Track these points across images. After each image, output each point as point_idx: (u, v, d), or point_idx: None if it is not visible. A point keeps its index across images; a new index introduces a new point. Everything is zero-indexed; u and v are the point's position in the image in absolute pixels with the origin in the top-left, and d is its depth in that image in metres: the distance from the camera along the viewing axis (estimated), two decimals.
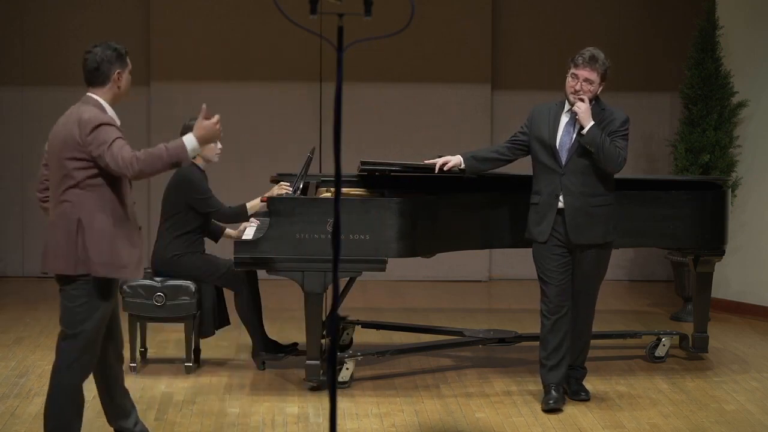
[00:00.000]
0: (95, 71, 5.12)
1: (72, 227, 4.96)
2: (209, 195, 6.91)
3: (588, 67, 6.27)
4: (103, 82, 5.14)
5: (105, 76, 5.13)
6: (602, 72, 6.29)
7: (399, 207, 6.51)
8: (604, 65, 6.30)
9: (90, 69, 5.13)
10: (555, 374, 6.34)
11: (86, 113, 5.00)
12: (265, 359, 7.03)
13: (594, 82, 6.28)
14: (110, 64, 5.14)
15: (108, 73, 5.13)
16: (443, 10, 10.32)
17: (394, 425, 6.03)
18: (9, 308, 9.03)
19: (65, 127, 5.04)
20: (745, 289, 9.03)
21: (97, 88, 5.14)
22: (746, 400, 6.59)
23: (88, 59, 5.13)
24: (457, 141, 9.99)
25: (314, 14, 3.62)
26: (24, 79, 10.24)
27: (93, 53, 5.13)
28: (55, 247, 5.00)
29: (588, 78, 6.27)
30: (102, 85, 5.14)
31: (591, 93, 6.29)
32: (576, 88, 6.29)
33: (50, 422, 5.13)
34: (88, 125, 4.95)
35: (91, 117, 4.98)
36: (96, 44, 5.18)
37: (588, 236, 6.31)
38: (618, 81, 10.27)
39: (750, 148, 8.94)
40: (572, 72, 6.30)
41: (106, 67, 5.13)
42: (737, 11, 9.03)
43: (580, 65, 6.28)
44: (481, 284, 10.47)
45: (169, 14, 10.28)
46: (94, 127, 4.95)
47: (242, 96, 10.36)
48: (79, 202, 4.98)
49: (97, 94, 5.13)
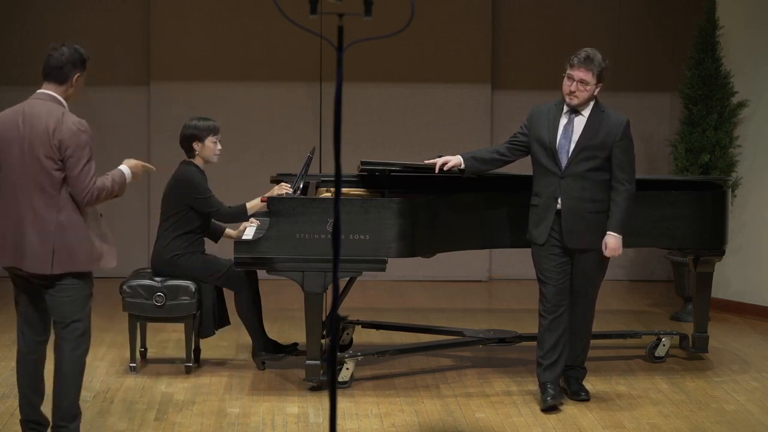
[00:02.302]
0: (58, 69, 5.29)
1: (50, 228, 5.18)
2: (209, 195, 6.91)
3: (583, 68, 6.26)
4: (61, 81, 5.30)
5: (65, 76, 5.30)
6: (598, 72, 6.27)
7: (399, 207, 6.51)
8: (600, 66, 6.28)
9: (53, 66, 5.30)
10: (551, 373, 6.34)
11: (68, 117, 5.21)
12: (265, 359, 7.03)
13: (589, 83, 6.26)
14: (73, 66, 5.32)
15: (69, 74, 5.30)
16: (443, 10, 10.32)
17: (394, 425, 6.03)
18: (9, 308, 9.01)
19: (42, 122, 5.19)
20: (745, 289, 9.03)
21: (54, 85, 5.30)
22: (746, 400, 6.60)
23: (54, 56, 5.30)
24: (457, 141, 9.99)
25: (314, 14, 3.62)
26: (24, 79, 10.22)
27: (60, 52, 5.30)
28: (32, 247, 5.19)
29: (583, 79, 6.26)
30: (60, 83, 5.30)
31: (587, 93, 6.28)
32: (571, 89, 6.28)
33: (65, 401, 5.32)
34: (73, 135, 5.17)
35: (77, 125, 5.20)
36: (63, 44, 5.35)
37: (583, 241, 6.31)
38: (618, 81, 10.28)
39: (750, 148, 8.94)
40: (567, 72, 6.29)
41: (68, 68, 5.30)
42: (737, 11, 9.03)
43: (575, 66, 6.28)
44: (481, 284, 10.47)
45: (169, 14, 10.28)
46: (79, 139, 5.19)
47: (242, 96, 10.35)
48: (55, 203, 5.19)
49: (55, 92, 5.30)
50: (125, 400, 6.37)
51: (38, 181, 5.18)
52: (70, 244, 5.19)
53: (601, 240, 6.31)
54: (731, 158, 8.91)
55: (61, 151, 5.16)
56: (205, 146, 6.93)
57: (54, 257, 5.18)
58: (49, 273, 5.20)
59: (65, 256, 5.19)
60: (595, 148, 6.28)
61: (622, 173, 6.29)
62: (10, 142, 5.23)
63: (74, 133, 5.17)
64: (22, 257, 5.21)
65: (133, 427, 5.92)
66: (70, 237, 5.19)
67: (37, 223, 5.18)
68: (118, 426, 5.93)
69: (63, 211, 5.19)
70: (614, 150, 6.28)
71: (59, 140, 5.15)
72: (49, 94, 5.29)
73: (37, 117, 5.21)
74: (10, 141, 5.23)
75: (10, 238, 5.24)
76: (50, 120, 5.18)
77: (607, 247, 6.29)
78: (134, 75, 10.31)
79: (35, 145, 5.17)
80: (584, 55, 6.26)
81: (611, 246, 6.28)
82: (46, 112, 5.21)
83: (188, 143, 6.96)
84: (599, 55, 6.29)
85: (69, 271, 5.23)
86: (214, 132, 6.96)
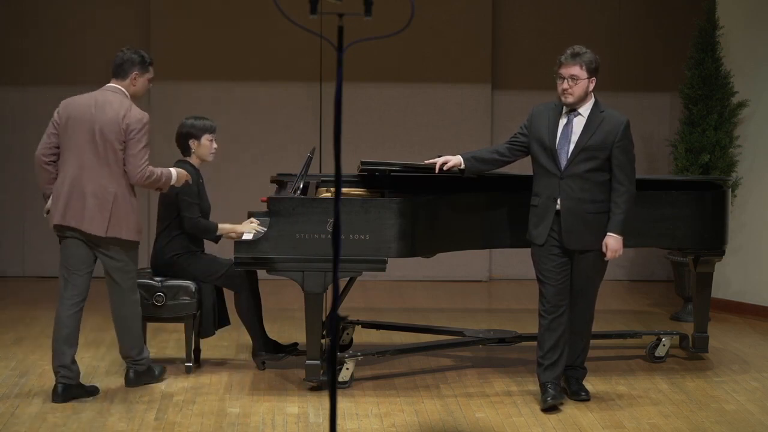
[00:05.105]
0: (119, 66, 6.37)
1: (109, 197, 6.20)
2: (194, 201, 6.86)
3: (571, 63, 6.26)
4: (122, 77, 6.36)
5: (125, 73, 6.36)
6: (586, 64, 6.25)
7: (399, 207, 6.51)
8: (589, 58, 6.26)
9: (116, 63, 6.39)
10: (551, 372, 6.34)
11: (135, 107, 6.27)
12: (265, 359, 7.03)
13: (580, 78, 6.25)
14: (132, 65, 6.37)
15: (128, 71, 6.36)
16: (443, 10, 10.32)
17: (394, 425, 6.03)
18: (9, 308, 9.03)
19: (112, 108, 6.21)
20: (745, 289, 9.03)
21: (118, 80, 6.37)
22: (746, 400, 6.60)
23: (118, 56, 6.40)
24: (457, 141, 10.00)
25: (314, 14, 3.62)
26: (24, 79, 10.24)
27: (123, 53, 6.40)
28: (91, 212, 6.19)
29: (573, 74, 6.25)
30: (121, 78, 6.36)
31: (580, 89, 6.26)
32: (563, 87, 6.28)
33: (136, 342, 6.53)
34: (138, 122, 6.23)
35: (142, 114, 6.26)
36: (130, 47, 6.45)
37: (581, 242, 6.31)
38: (618, 81, 10.29)
39: (750, 148, 8.94)
40: (558, 73, 6.30)
41: (128, 66, 6.36)
42: (737, 11, 9.03)
43: (563, 64, 6.28)
44: (481, 284, 10.48)
45: (169, 14, 10.28)
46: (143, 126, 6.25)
47: (242, 96, 10.36)
48: (115, 178, 6.22)
49: (120, 86, 6.35)
50: (125, 400, 6.37)
51: (104, 157, 6.21)
52: (120, 213, 6.23)
53: (600, 241, 6.31)
54: (731, 158, 8.91)
55: (126, 134, 6.19)
56: (201, 144, 6.94)
57: (109, 223, 6.20)
58: (103, 235, 6.20)
59: (116, 223, 6.22)
60: (594, 149, 6.28)
61: (622, 174, 6.29)
62: (82, 122, 6.24)
63: (139, 120, 6.23)
64: (81, 219, 6.20)
65: (133, 427, 5.91)
66: (122, 207, 6.23)
67: (100, 193, 6.20)
68: (118, 426, 5.93)
69: (120, 186, 6.22)
70: (614, 150, 6.28)
71: (127, 124, 6.20)
72: (116, 87, 6.36)
73: (108, 104, 6.25)
74: (81, 121, 6.24)
75: (71, 202, 6.20)
76: (121, 107, 6.24)
77: (607, 248, 6.29)
78: None
79: (105, 127, 6.20)
80: (570, 52, 6.28)
81: (611, 247, 6.28)
82: (117, 101, 6.27)
83: (185, 141, 6.97)
84: (587, 50, 6.29)
85: (118, 237, 6.25)
86: (211, 131, 6.97)
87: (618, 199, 6.29)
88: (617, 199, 6.29)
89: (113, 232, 6.23)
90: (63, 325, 6.32)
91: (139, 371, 6.58)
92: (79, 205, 6.21)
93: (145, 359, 6.59)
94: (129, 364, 6.58)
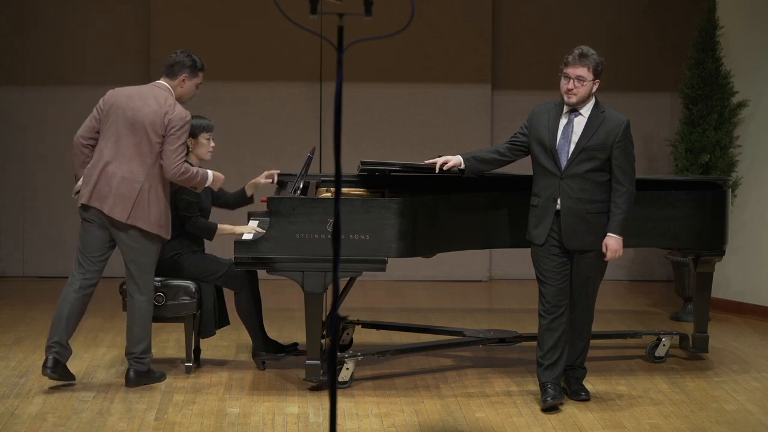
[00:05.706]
0: (169, 66, 6.61)
1: (137, 186, 6.35)
2: (194, 200, 6.87)
3: (578, 64, 6.26)
4: (172, 77, 6.59)
5: (174, 74, 6.59)
6: (593, 66, 6.26)
7: (399, 207, 6.51)
8: (596, 61, 6.27)
9: (167, 63, 6.63)
10: (551, 372, 6.34)
11: (179, 106, 6.47)
12: (265, 359, 7.03)
13: (586, 80, 6.26)
14: (182, 67, 6.60)
15: (177, 72, 6.59)
16: (443, 10, 10.32)
17: (394, 425, 6.03)
18: (9, 308, 9.03)
19: (156, 102, 6.42)
20: (745, 289, 9.03)
21: (167, 78, 6.59)
22: (746, 400, 6.60)
23: (171, 56, 6.63)
24: (457, 141, 10.00)
25: (314, 14, 3.62)
26: (24, 79, 10.24)
27: (176, 54, 6.63)
28: (117, 197, 6.36)
29: (580, 75, 6.25)
30: (171, 78, 6.59)
31: (585, 90, 6.27)
32: (568, 87, 6.28)
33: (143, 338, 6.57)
34: (180, 119, 6.43)
35: (185, 113, 6.46)
36: (184, 50, 6.66)
37: (582, 242, 6.31)
38: (617, 81, 10.28)
39: (750, 148, 8.94)
40: (564, 72, 6.29)
41: (178, 67, 6.60)
42: (737, 11, 9.02)
43: (570, 63, 6.28)
44: (481, 284, 10.47)
45: (169, 14, 10.28)
46: (184, 124, 6.46)
47: (242, 96, 10.35)
48: (147, 169, 6.39)
49: (169, 84, 6.57)
50: (125, 400, 6.37)
51: (140, 147, 6.39)
52: (144, 203, 6.37)
53: (600, 241, 6.31)
54: (731, 158, 8.91)
55: (166, 129, 6.39)
56: (198, 143, 6.94)
57: (132, 210, 6.35)
58: (124, 221, 6.35)
59: (138, 211, 6.36)
60: (594, 149, 6.28)
61: (622, 174, 6.29)
62: (124, 111, 6.43)
63: (182, 118, 6.44)
64: (105, 202, 6.36)
65: (133, 427, 5.92)
66: (147, 198, 6.37)
67: (128, 180, 6.35)
68: (118, 426, 5.93)
69: (149, 177, 6.38)
70: (614, 151, 6.28)
71: (169, 119, 6.40)
72: (164, 84, 6.57)
73: (153, 98, 6.46)
74: (123, 110, 6.44)
75: (100, 185, 6.37)
76: (165, 103, 6.44)
77: (607, 249, 6.29)
78: (134, 75, 10.29)
79: (146, 119, 6.40)
80: (579, 52, 6.27)
81: (611, 247, 6.28)
82: (163, 97, 6.47)
83: None
84: (593, 51, 6.30)
85: (137, 226, 6.38)
86: (208, 129, 6.98)
87: (618, 200, 6.29)
88: (617, 200, 6.29)
89: (134, 220, 6.37)
90: (66, 302, 6.44)
91: (139, 371, 6.58)
92: (106, 189, 6.38)
93: (147, 358, 6.61)
94: (131, 361, 6.58)
